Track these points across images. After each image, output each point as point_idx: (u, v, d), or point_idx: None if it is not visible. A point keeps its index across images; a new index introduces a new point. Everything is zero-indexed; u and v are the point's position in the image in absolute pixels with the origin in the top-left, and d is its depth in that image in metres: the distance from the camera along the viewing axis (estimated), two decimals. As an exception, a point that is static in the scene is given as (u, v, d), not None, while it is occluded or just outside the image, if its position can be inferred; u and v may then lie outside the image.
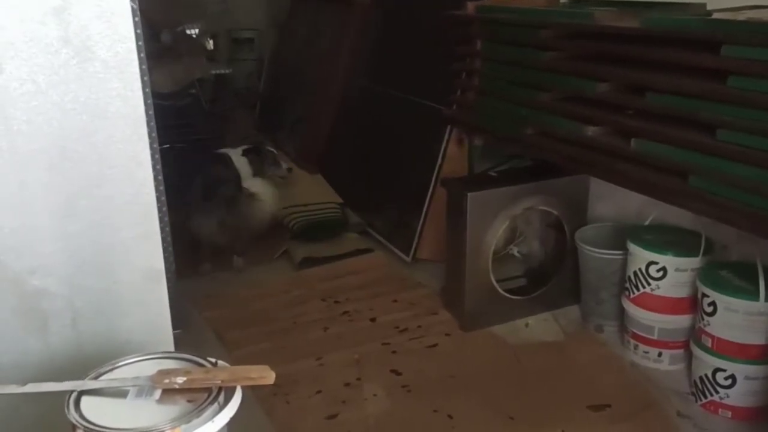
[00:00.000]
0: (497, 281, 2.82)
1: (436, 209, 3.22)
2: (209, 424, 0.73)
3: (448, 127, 3.25)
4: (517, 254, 3.26)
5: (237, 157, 3.41)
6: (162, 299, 0.94)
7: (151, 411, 0.62)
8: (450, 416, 2.27)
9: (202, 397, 0.72)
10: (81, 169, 0.87)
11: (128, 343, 0.89)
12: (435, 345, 2.71)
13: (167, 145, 3.87)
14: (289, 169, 3.62)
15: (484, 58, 2.91)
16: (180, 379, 0.68)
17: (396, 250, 3.42)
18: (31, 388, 0.72)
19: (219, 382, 0.72)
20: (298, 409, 2.32)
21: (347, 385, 2.45)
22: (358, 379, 2.48)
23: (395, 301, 3.05)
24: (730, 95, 1.86)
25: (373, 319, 2.90)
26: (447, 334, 2.78)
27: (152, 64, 3.94)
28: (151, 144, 1.17)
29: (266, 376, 0.71)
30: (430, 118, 3.36)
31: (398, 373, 2.52)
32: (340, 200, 3.80)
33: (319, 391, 2.41)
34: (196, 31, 4.91)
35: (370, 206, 3.72)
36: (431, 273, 3.22)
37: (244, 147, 3.49)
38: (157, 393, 0.69)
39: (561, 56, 2.49)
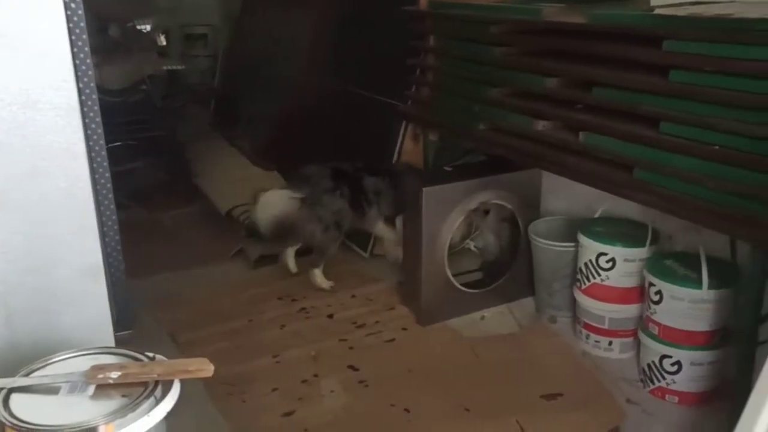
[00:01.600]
0: (453, 275, 2.85)
1: (392, 205, 3.22)
2: (145, 418, 0.72)
3: (404, 122, 3.26)
4: (473, 248, 3.30)
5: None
6: (101, 296, 0.93)
7: (84, 407, 0.61)
8: (407, 410, 2.28)
9: (138, 391, 0.71)
10: (12, 161, 0.85)
11: (67, 341, 0.87)
12: (392, 340, 2.73)
13: (118, 143, 3.81)
14: None
15: (437, 54, 2.94)
16: (114, 374, 0.68)
17: (353, 246, 3.43)
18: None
19: (155, 376, 0.71)
20: (254, 407, 2.30)
21: (304, 382, 2.44)
22: (315, 375, 2.48)
23: (353, 296, 3.06)
24: (672, 89, 1.91)
25: (330, 316, 2.90)
26: (404, 329, 2.80)
27: (101, 59, 3.87)
28: (96, 139, 1.15)
29: (205, 368, 0.70)
30: (386, 113, 3.37)
31: (356, 369, 2.52)
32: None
33: (275, 389, 2.40)
34: (148, 26, 4.84)
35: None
36: (388, 268, 3.24)
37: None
38: (91, 389, 0.68)
39: (511, 52, 2.53)
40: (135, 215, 3.82)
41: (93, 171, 1.01)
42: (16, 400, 0.67)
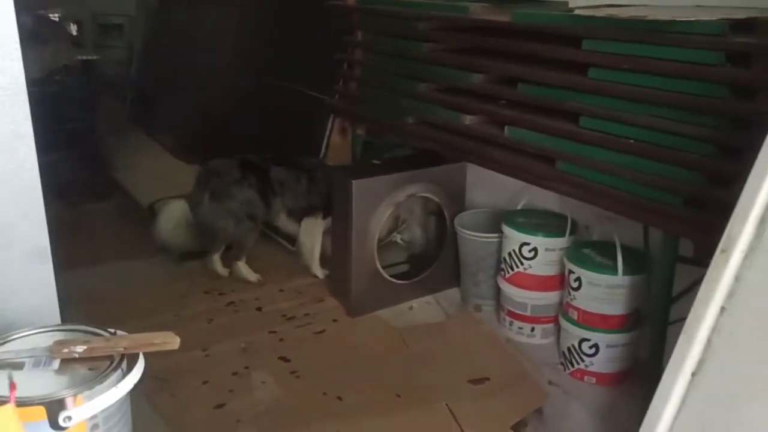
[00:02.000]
0: (381, 267, 2.89)
1: (321, 198, 3.24)
2: (113, 390, 0.72)
3: (331, 116, 3.29)
4: (400, 241, 3.35)
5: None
6: (48, 279, 0.91)
7: (50, 380, 0.61)
8: (340, 398, 2.31)
9: (104, 365, 0.71)
10: (-43, 144, 0.83)
11: (12, 324, 0.86)
12: (323, 331, 2.75)
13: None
14: None
15: (365, 49, 2.98)
16: (80, 348, 0.68)
17: (280, 240, 3.42)
18: None
19: (121, 349, 0.71)
20: (184, 401, 2.28)
21: (235, 374, 2.43)
22: (246, 367, 2.47)
23: (281, 290, 3.06)
24: (591, 86, 2.03)
25: (259, 309, 2.89)
26: (334, 320, 2.82)
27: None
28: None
29: (170, 341, 0.72)
30: (313, 107, 3.39)
31: (287, 360, 2.53)
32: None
33: (205, 382, 2.38)
34: (58, 15, 4.66)
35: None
36: (316, 262, 3.25)
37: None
38: (56, 363, 0.68)
39: (438, 48, 2.60)
40: (51, 209, 3.67)
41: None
42: (-18, 374, 0.66)
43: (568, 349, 2.48)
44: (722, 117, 1.75)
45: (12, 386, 0.65)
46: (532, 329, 2.69)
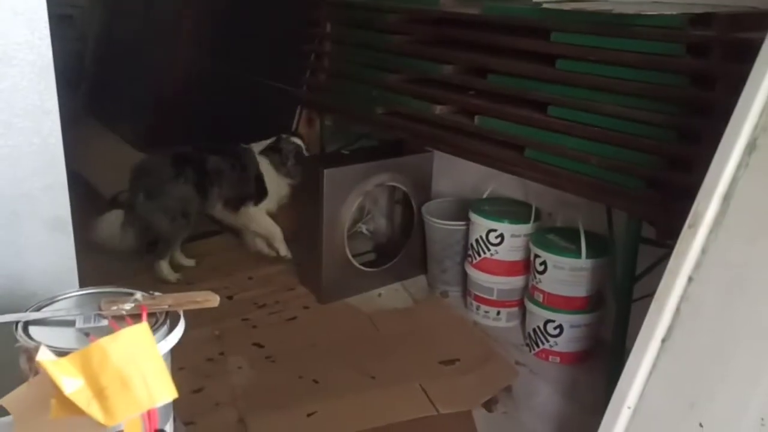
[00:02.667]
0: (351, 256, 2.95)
1: (288, 188, 3.28)
2: (162, 343, 0.77)
3: (299, 107, 3.33)
4: (365, 231, 3.42)
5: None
6: (69, 250, 0.94)
7: (103, 334, 0.65)
8: (315, 381, 2.36)
9: (150, 321, 0.75)
10: (-13, 117, 0.86)
11: (34, 295, 0.88)
12: (294, 318, 2.79)
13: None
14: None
15: (334, 41, 3.02)
16: (128, 306, 0.72)
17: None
18: (-29, 322, 0.72)
19: (166, 306, 0.75)
20: (161, 386, 2.29)
21: (210, 360, 2.46)
22: (221, 353, 2.50)
23: (250, 278, 3.08)
24: (559, 76, 2.13)
25: (230, 297, 2.91)
26: (305, 307, 2.87)
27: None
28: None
29: (210, 299, 0.76)
30: (279, 98, 3.41)
31: (261, 346, 2.57)
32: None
33: (181, 368, 2.32)
34: None
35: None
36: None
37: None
38: (104, 321, 0.72)
39: (408, 40, 2.67)
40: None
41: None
42: (33, 331, 0.69)
43: (534, 330, 2.59)
44: (682, 105, 1.87)
45: (143, 308, 0.69)
46: (498, 313, 2.79)
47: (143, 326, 0.63)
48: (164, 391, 0.60)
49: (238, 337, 2.61)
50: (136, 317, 0.69)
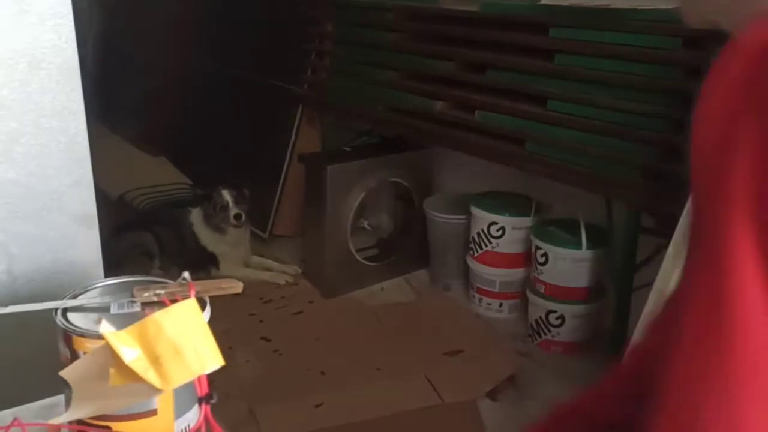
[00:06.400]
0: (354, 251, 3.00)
1: (291, 187, 3.33)
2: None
3: (300, 106, 3.36)
4: (367, 227, 3.47)
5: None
6: (94, 244, 0.98)
7: (138, 319, 0.69)
8: (322, 372, 2.41)
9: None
10: (17, 117, 0.89)
11: (61, 287, 0.93)
12: (300, 312, 2.84)
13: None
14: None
15: (334, 39, 3.06)
16: (159, 291, 0.76)
17: (252, 227, 3.48)
18: (13, 308, 0.76)
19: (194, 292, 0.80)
20: (171, 381, 2.34)
21: (218, 354, 2.50)
22: (230, 347, 2.53)
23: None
24: (558, 71, 2.18)
25: (236, 293, 2.95)
26: (310, 302, 2.92)
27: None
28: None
29: (235, 285, 0.81)
30: (279, 97, 3.45)
31: (268, 340, 2.62)
32: (189, 181, 3.78)
33: None
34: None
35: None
36: (288, 247, 3.34)
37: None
38: (137, 306, 0.76)
39: (407, 37, 2.71)
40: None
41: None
42: (72, 317, 0.74)
43: (536, 321, 2.64)
44: (678, 96, 1.92)
45: (191, 286, 0.74)
46: (500, 305, 2.84)
47: (192, 301, 0.68)
48: (213, 359, 0.65)
49: (245, 332, 2.65)
50: (164, 304, 0.74)
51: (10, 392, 0.90)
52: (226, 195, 3.01)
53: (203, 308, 0.78)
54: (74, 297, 0.77)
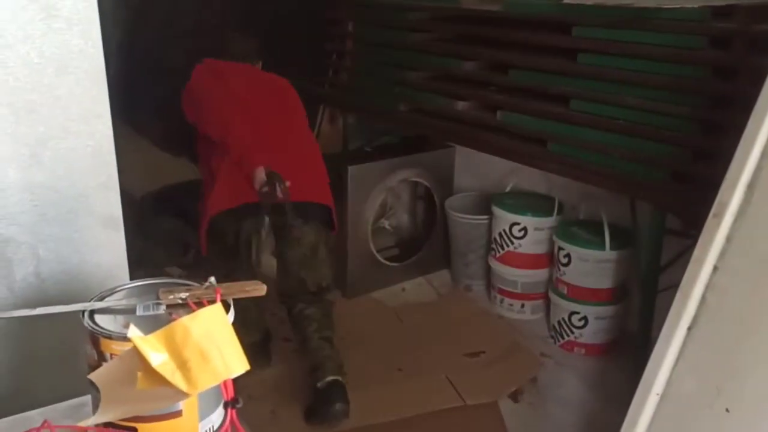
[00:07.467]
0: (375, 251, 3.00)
1: (312, 186, 3.32)
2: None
3: (321, 106, 3.37)
4: (387, 227, 3.46)
5: None
6: (120, 246, 0.99)
7: (162, 321, 0.70)
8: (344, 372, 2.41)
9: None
10: (45, 121, 0.91)
11: (87, 288, 0.94)
12: (321, 312, 2.84)
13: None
14: None
15: (356, 40, 3.06)
16: (183, 294, 0.77)
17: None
18: (42, 311, 0.77)
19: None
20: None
21: (241, 354, 2.52)
22: (252, 347, 2.56)
23: (277, 275, 3.14)
24: (581, 70, 2.16)
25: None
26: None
27: None
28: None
29: (259, 288, 0.81)
30: (301, 97, 3.45)
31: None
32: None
33: None
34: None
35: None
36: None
37: None
38: (162, 308, 0.77)
39: (430, 37, 2.70)
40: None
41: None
42: (99, 319, 0.74)
43: (558, 322, 2.62)
44: (705, 97, 1.89)
45: (217, 291, 0.74)
46: (522, 305, 2.82)
47: (218, 306, 0.69)
48: (239, 364, 0.65)
49: (268, 332, 2.66)
50: (189, 306, 0.75)
51: (37, 392, 0.91)
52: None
53: (227, 310, 0.78)
54: (101, 299, 0.78)
